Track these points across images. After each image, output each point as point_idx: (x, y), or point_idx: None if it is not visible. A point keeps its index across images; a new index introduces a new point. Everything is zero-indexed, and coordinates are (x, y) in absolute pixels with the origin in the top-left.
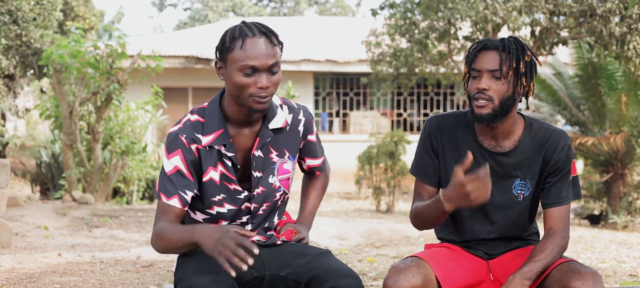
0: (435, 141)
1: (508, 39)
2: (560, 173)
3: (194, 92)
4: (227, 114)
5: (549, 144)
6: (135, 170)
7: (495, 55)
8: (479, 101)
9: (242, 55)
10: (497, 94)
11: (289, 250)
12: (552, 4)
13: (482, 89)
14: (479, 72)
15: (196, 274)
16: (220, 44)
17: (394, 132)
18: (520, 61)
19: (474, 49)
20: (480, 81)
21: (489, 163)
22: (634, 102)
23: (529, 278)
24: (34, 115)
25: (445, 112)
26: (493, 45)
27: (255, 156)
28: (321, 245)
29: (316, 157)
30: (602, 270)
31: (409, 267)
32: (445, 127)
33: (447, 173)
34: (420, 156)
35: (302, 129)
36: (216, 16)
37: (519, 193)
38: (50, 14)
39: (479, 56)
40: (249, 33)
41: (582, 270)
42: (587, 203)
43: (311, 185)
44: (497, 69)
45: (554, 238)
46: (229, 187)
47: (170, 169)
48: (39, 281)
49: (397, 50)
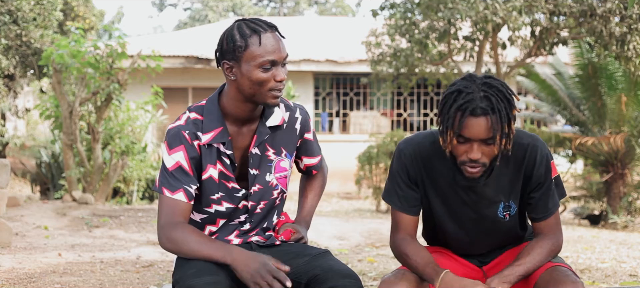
0: (412, 171)
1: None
2: (542, 188)
3: (194, 92)
4: (227, 111)
5: (526, 162)
6: (135, 170)
7: (486, 121)
8: (473, 169)
9: (261, 51)
10: (489, 157)
11: (288, 251)
12: (552, 4)
13: (475, 159)
14: (469, 140)
15: (195, 275)
16: (228, 44)
17: (394, 132)
18: (510, 122)
19: (460, 112)
20: (472, 151)
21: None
22: (634, 102)
23: (508, 282)
24: (34, 115)
25: (417, 135)
26: (482, 110)
27: (252, 154)
28: (321, 245)
29: (313, 156)
30: (602, 270)
31: (400, 281)
32: (421, 154)
33: (429, 201)
34: (400, 188)
35: (299, 126)
36: (216, 16)
37: (505, 215)
38: (50, 14)
39: (467, 123)
40: (260, 29)
41: (565, 279)
42: (587, 203)
43: (309, 185)
44: (490, 137)
45: (542, 241)
46: (227, 185)
47: (172, 165)
48: (39, 281)
49: (397, 50)
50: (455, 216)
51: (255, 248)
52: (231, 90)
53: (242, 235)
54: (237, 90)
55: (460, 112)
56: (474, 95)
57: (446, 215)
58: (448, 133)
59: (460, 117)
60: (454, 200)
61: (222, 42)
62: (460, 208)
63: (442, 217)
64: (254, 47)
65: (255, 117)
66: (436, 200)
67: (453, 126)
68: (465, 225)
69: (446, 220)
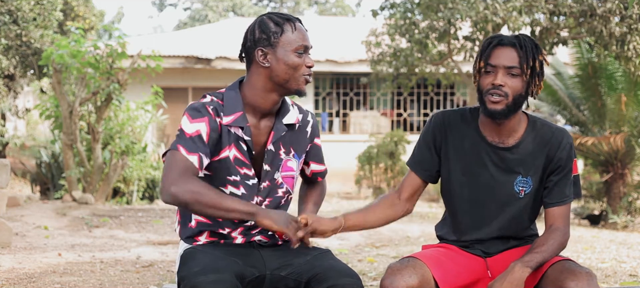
0: (438, 136)
1: (522, 36)
2: (562, 172)
3: (194, 92)
4: (249, 101)
5: (551, 142)
6: (135, 170)
7: (512, 51)
8: (494, 96)
9: (297, 37)
10: (512, 90)
11: (289, 250)
12: (552, 4)
13: (498, 85)
14: (495, 68)
15: (200, 273)
16: (262, 32)
17: (394, 132)
18: (535, 60)
19: (489, 44)
20: (496, 77)
21: (492, 157)
22: (634, 102)
23: (529, 267)
24: (34, 115)
25: (450, 109)
26: (509, 41)
27: (268, 150)
28: (321, 245)
29: (321, 163)
30: (602, 270)
31: (406, 267)
32: (450, 122)
33: (449, 167)
34: (420, 149)
35: (310, 130)
36: (216, 16)
37: (520, 190)
38: (50, 14)
39: (495, 52)
40: (291, 18)
41: (577, 270)
42: (587, 203)
43: (310, 193)
44: (515, 66)
45: (554, 233)
46: (240, 170)
47: (193, 132)
48: (39, 281)
49: (397, 50)
50: (474, 183)
51: (258, 248)
52: (260, 79)
53: (246, 231)
54: (267, 78)
55: (491, 42)
56: (505, 35)
57: (465, 182)
58: (478, 63)
59: (490, 47)
60: (476, 164)
61: (253, 33)
62: (480, 173)
63: (460, 183)
64: (288, 33)
65: (273, 112)
66: (457, 167)
67: (482, 55)
68: (481, 194)
69: (463, 187)
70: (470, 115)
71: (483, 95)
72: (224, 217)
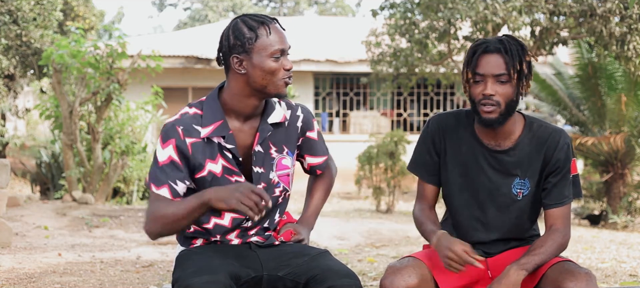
0: (437, 141)
1: (507, 39)
2: (560, 173)
3: (194, 92)
4: (230, 107)
5: (548, 143)
6: (135, 170)
7: (499, 58)
8: (486, 106)
9: (272, 41)
10: (503, 97)
11: (287, 250)
12: (552, 4)
13: (488, 95)
14: (483, 77)
15: (194, 274)
16: (236, 39)
17: (394, 132)
18: (522, 63)
19: (474, 52)
20: (486, 86)
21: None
22: (634, 102)
23: (525, 269)
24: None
25: (446, 111)
26: (495, 47)
27: (255, 152)
28: (321, 245)
29: (317, 155)
30: (602, 270)
31: (405, 267)
32: (447, 126)
33: (448, 171)
34: (421, 154)
35: (300, 124)
36: (216, 16)
37: (518, 192)
38: (50, 14)
39: (481, 60)
40: (265, 21)
41: (576, 271)
42: (587, 203)
43: (315, 185)
44: (502, 72)
45: (554, 235)
46: (231, 179)
47: (164, 160)
48: (39, 281)
49: (397, 50)
50: (472, 187)
51: (255, 249)
52: (237, 85)
53: (243, 233)
54: (245, 84)
55: (476, 51)
56: (489, 40)
57: (463, 185)
58: (466, 73)
59: (476, 56)
60: (474, 167)
61: (227, 38)
62: (477, 177)
63: (459, 187)
64: (263, 38)
65: (257, 113)
66: (455, 170)
67: (469, 64)
68: (480, 198)
69: (462, 191)
70: (466, 119)
71: (476, 105)
72: (191, 220)
